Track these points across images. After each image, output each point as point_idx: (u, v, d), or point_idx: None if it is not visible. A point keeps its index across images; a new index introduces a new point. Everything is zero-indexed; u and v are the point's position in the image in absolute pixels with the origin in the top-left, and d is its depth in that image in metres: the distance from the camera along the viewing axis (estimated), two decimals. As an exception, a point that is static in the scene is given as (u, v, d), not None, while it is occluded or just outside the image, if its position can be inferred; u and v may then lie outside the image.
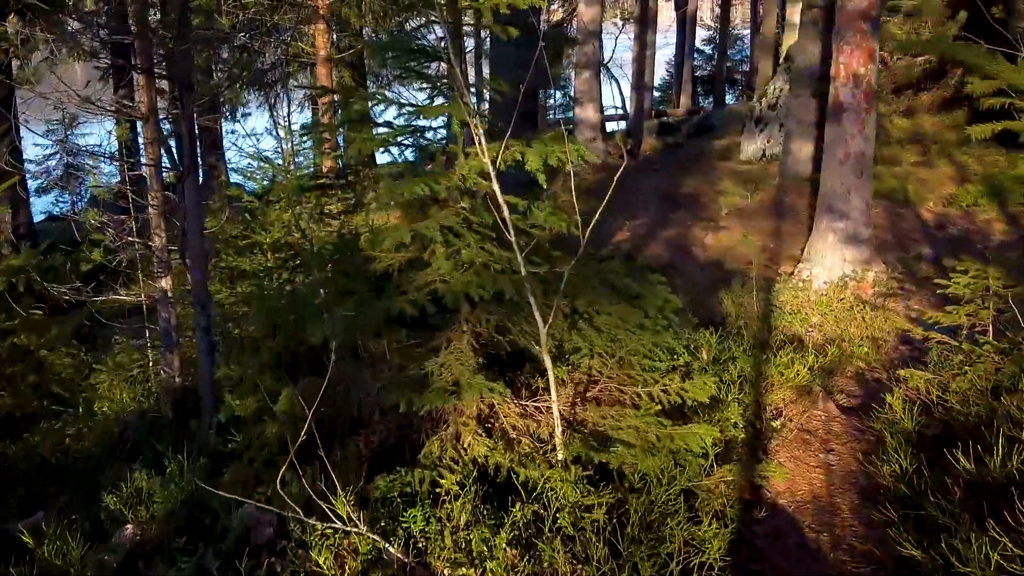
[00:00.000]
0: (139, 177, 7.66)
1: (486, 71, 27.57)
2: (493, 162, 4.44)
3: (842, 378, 7.64)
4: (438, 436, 4.67)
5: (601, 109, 20.31)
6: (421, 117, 4.61)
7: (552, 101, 33.41)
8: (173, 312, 7.18)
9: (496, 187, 4.38)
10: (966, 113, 18.23)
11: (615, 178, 4.77)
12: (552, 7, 31.88)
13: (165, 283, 7.08)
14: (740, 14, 40.25)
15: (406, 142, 4.82)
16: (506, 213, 4.43)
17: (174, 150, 7.49)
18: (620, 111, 33.56)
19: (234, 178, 25.98)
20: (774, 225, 13.15)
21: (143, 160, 7.02)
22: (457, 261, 4.59)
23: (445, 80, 4.94)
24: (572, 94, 22.22)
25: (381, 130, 4.81)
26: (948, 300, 9.26)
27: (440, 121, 4.91)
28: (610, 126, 32.60)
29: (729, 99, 33.44)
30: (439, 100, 4.91)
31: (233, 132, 19.91)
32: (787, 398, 6.47)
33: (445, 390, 4.43)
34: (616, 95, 38.00)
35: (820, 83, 14.76)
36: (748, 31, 34.83)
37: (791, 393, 6.49)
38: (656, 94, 35.94)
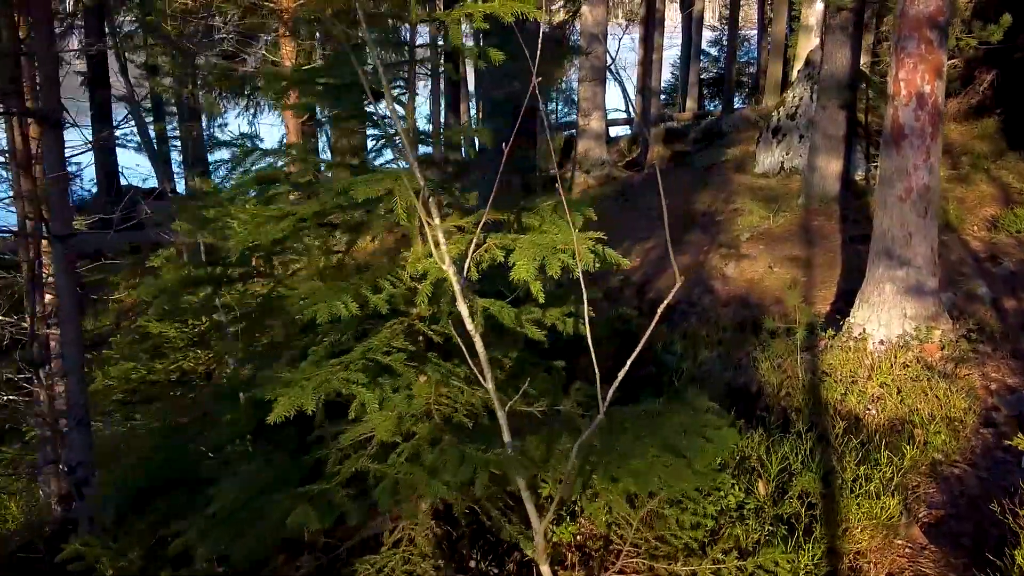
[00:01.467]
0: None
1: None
2: (459, 265, 2.69)
3: (916, 475, 5.90)
4: None
5: (606, 117, 18.50)
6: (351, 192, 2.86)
7: (551, 106, 31.50)
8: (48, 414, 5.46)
9: (463, 308, 2.63)
10: (997, 122, 16.43)
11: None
12: (553, 7, 30.07)
13: (42, 376, 5.36)
14: (747, 15, 38.36)
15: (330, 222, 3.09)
16: (480, 349, 2.68)
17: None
18: (625, 116, 31.86)
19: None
20: (803, 254, 11.38)
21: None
22: (404, 411, 2.84)
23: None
24: (575, 103, 20.43)
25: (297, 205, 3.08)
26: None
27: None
28: (614, 131, 30.81)
29: (736, 102, 31.60)
30: (386, 158, 3.18)
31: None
32: (868, 539, 4.71)
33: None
34: (620, 99, 36.24)
35: (849, 93, 13.01)
36: (755, 32, 32.93)
37: (874, 532, 4.73)
38: (661, 96, 34.12)
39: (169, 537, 2.80)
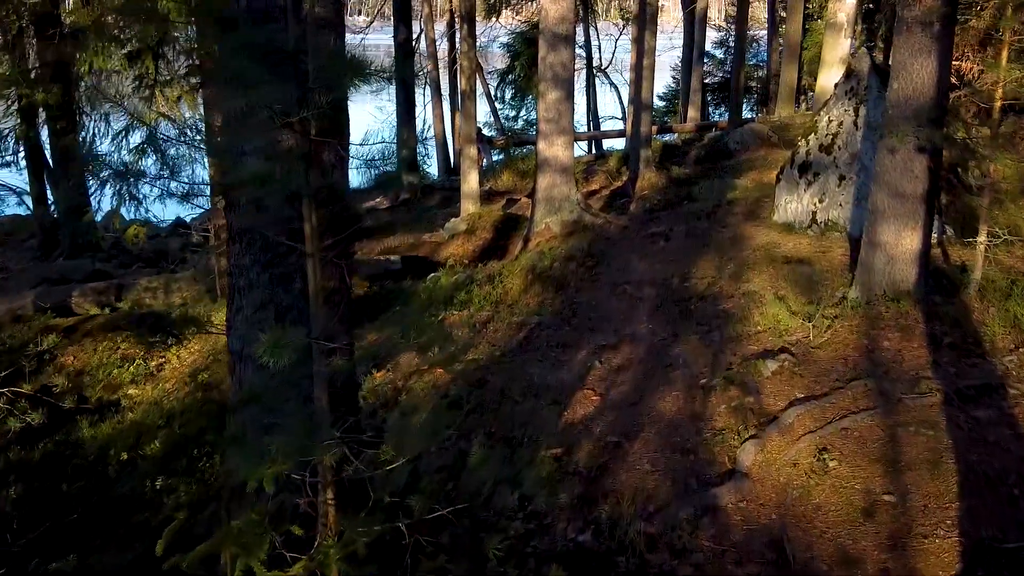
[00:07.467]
0: None
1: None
2: None
3: None
4: None
5: (573, 143, 12.97)
6: None
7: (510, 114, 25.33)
8: None
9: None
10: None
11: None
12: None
13: None
14: (754, 14, 32.36)
15: None
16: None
17: None
18: (621, 128, 26.16)
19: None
20: (878, 423, 5.87)
21: None
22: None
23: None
24: (535, 121, 14.85)
25: None
26: None
27: None
28: (608, 144, 25.21)
29: (744, 111, 25.81)
30: None
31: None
32: None
33: None
34: (616, 107, 30.51)
35: (935, 128, 7.48)
36: (765, 32, 27.03)
37: None
38: (660, 103, 28.34)
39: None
